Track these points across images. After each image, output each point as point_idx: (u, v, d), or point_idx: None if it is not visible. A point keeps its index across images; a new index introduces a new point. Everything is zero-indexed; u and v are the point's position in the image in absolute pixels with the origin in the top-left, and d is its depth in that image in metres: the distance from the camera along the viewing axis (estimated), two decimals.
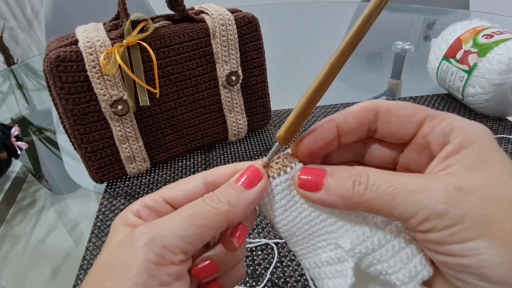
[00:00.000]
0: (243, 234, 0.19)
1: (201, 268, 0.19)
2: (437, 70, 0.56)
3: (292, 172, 0.19)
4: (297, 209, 0.19)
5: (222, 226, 0.17)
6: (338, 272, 0.19)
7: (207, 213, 0.17)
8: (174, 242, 0.16)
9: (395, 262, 0.17)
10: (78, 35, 0.38)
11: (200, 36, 0.42)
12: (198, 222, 0.16)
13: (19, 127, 0.49)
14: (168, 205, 0.18)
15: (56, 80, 0.36)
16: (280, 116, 0.56)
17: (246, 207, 0.18)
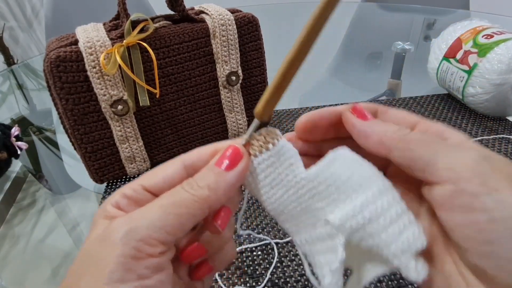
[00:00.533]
0: (226, 217, 0.18)
1: (188, 251, 0.18)
2: (437, 70, 0.56)
3: (276, 149, 0.18)
4: (284, 187, 0.19)
5: (203, 212, 0.17)
6: (329, 248, 0.18)
7: (186, 201, 0.16)
8: (152, 234, 0.15)
9: (386, 236, 0.17)
10: (78, 35, 0.38)
11: (200, 36, 0.42)
12: (177, 211, 0.16)
13: (19, 127, 0.49)
14: (148, 193, 0.17)
15: (56, 80, 0.36)
16: (280, 116, 0.56)
17: (226, 190, 0.17)
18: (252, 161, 0.18)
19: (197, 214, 0.16)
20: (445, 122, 0.51)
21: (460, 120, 0.51)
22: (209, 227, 0.18)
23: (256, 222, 0.36)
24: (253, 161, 0.18)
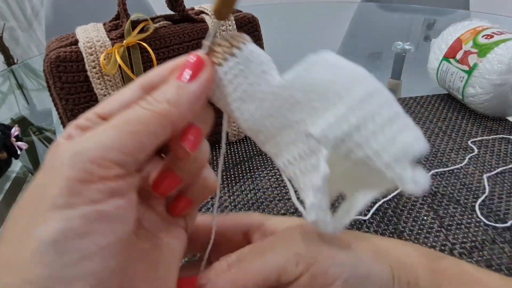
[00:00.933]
0: (196, 137, 0.16)
1: (158, 180, 0.16)
2: (437, 70, 0.56)
3: (243, 54, 0.16)
4: (257, 99, 0.16)
5: (165, 129, 0.15)
6: (314, 166, 0.16)
7: (142, 117, 0.14)
8: (104, 154, 0.13)
9: (377, 143, 0.14)
10: (78, 35, 0.38)
11: (200, 36, 0.42)
12: (133, 128, 0.14)
13: (19, 127, 0.49)
14: (104, 120, 0.15)
15: (56, 80, 0.36)
16: None
17: (190, 103, 0.15)
18: (217, 71, 0.16)
19: (157, 132, 0.14)
20: (445, 122, 0.51)
21: (460, 120, 0.51)
22: (178, 150, 0.16)
23: None
24: (218, 70, 0.16)
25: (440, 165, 0.42)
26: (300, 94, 0.15)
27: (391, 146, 0.14)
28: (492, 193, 0.38)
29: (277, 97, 0.16)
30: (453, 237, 0.33)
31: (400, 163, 0.14)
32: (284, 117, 0.16)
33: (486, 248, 0.32)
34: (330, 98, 0.15)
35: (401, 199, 0.38)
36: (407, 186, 0.14)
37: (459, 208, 0.36)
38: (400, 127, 0.15)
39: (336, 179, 0.16)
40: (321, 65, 0.16)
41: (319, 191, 0.15)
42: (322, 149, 0.15)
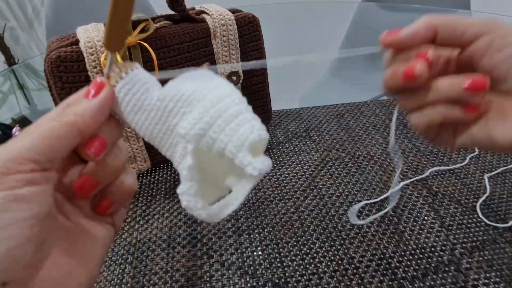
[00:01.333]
0: (100, 145, 0.20)
1: (77, 184, 0.20)
2: None
3: (129, 77, 0.20)
4: (145, 111, 0.20)
5: (73, 136, 0.18)
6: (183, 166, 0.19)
7: (54, 126, 0.18)
8: (20, 153, 0.17)
9: (225, 135, 0.18)
10: (79, 35, 0.38)
11: (201, 36, 0.42)
12: (45, 134, 0.18)
13: (20, 127, 0.49)
14: None
15: (56, 80, 0.36)
16: (281, 116, 0.56)
17: (92, 114, 0.19)
18: (115, 91, 0.20)
19: (67, 138, 0.18)
20: None
21: None
22: (85, 155, 0.20)
23: (256, 222, 0.36)
24: (115, 90, 0.20)
25: (441, 165, 0.42)
26: (172, 104, 0.19)
27: (233, 137, 0.18)
28: (493, 193, 0.38)
29: (157, 108, 0.20)
30: (454, 237, 0.33)
31: (241, 151, 0.18)
32: (166, 123, 0.20)
33: (487, 248, 0.32)
34: (193, 103, 0.19)
35: (401, 199, 0.38)
36: (247, 170, 0.18)
37: (460, 208, 0.36)
38: (240, 122, 0.18)
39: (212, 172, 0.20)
40: (189, 79, 0.20)
41: (186, 179, 0.19)
42: (188, 145, 0.19)
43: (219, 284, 0.30)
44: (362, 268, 0.31)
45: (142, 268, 0.32)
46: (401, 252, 0.32)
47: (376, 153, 0.46)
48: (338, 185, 0.40)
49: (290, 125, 0.53)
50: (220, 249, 0.34)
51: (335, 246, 0.33)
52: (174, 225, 0.37)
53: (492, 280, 0.29)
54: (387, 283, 0.29)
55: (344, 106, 0.57)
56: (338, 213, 0.37)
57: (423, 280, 0.29)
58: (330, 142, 0.48)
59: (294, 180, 0.42)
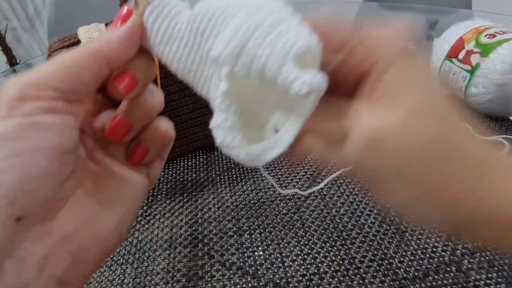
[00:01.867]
0: (130, 81, 0.18)
1: (110, 126, 0.19)
2: (439, 70, 0.56)
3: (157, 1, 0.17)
4: (176, 39, 0.17)
5: (99, 65, 0.17)
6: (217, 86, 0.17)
7: (78, 53, 0.17)
8: (39, 79, 0.16)
9: (265, 47, 0.15)
10: (80, 36, 0.38)
11: None
12: (67, 63, 0.16)
13: None
14: None
15: None
16: None
17: (120, 42, 0.17)
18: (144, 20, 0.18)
19: (91, 67, 0.17)
20: None
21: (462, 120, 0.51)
22: (113, 91, 0.18)
23: (257, 222, 0.36)
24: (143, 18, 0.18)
25: None
26: (204, 24, 0.16)
27: (274, 49, 0.14)
28: None
29: (189, 32, 0.17)
30: (455, 237, 0.33)
31: (285, 64, 0.14)
32: (200, 50, 0.17)
33: (489, 248, 0.32)
34: (227, 19, 0.16)
35: None
36: (295, 87, 0.14)
37: None
38: (283, 30, 0.15)
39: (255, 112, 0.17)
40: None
41: (220, 109, 0.16)
42: (223, 68, 0.16)
43: (220, 284, 0.30)
44: (363, 268, 0.31)
45: (144, 268, 0.32)
46: (403, 253, 0.32)
47: None
48: (339, 185, 0.40)
49: None
50: (221, 249, 0.34)
51: (336, 246, 0.33)
52: (175, 225, 0.37)
53: (494, 281, 0.29)
54: (389, 283, 0.29)
55: None
56: (339, 213, 0.37)
57: (425, 280, 0.29)
58: None
59: (295, 180, 0.42)
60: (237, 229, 0.36)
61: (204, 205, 0.39)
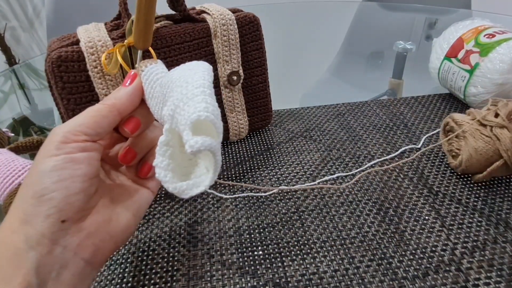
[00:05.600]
0: (134, 124, 0.26)
1: (121, 154, 0.27)
2: (438, 70, 0.56)
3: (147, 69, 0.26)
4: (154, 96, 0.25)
5: (114, 115, 0.25)
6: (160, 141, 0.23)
7: (99, 107, 0.25)
8: (75, 128, 0.24)
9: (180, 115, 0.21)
10: (80, 35, 0.38)
11: (201, 36, 0.42)
12: (92, 114, 0.25)
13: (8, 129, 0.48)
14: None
15: (57, 80, 0.36)
16: (281, 116, 0.56)
17: (128, 97, 0.26)
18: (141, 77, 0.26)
19: (108, 115, 0.25)
20: None
21: None
22: (123, 132, 0.26)
23: (257, 222, 0.36)
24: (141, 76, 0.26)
25: (442, 164, 0.42)
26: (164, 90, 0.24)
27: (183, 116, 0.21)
28: (494, 193, 0.38)
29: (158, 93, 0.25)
30: (454, 237, 0.33)
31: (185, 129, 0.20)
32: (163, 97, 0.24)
33: (488, 248, 0.32)
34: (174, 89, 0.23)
35: (402, 199, 0.38)
36: (186, 147, 0.20)
37: (460, 208, 0.36)
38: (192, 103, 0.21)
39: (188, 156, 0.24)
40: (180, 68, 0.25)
41: (158, 153, 0.23)
42: (165, 124, 0.23)
43: (219, 283, 0.30)
44: (362, 268, 0.31)
45: (143, 268, 0.32)
46: (402, 252, 0.32)
47: (377, 152, 0.46)
48: (339, 185, 0.40)
49: (290, 125, 0.53)
50: (220, 249, 0.34)
51: (335, 246, 0.33)
52: (175, 225, 0.37)
53: (493, 280, 0.29)
54: (388, 283, 0.29)
55: (345, 106, 0.57)
56: (339, 212, 0.37)
57: (424, 280, 0.29)
58: (331, 141, 0.48)
59: (295, 180, 0.42)
60: (236, 228, 0.36)
61: (204, 205, 0.39)
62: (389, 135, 0.49)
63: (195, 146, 0.20)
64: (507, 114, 0.37)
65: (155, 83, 0.25)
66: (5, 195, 0.37)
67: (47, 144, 0.23)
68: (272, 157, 0.46)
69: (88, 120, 0.24)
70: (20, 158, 0.42)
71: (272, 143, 0.49)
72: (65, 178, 0.22)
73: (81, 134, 0.23)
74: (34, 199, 0.21)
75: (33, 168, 0.23)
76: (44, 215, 0.21)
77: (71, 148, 0.23)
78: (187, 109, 0.20)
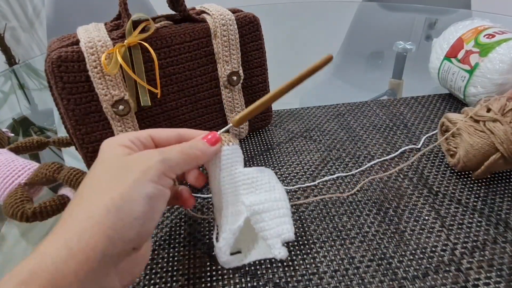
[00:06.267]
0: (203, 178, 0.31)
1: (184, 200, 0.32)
2: (438, 70, 0.56)
3: (233, 147, 0.30)
4: (227, 172, 0.29)
5: (193, 165, 0.28)
6: (236, 220, 0.28)
7: (190, 153, 0.27)
8: (175, 165, 0.26)
9: (271, 223, 0.28)
10: (80, 35, 0.38)
11: (201, 36, 0.42)
12: (184, 157, 0.27)
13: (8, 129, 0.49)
14: (152, 141, 0.28)
15: (57, 80, 0.36)
16: (281, 116, 0.56)
17: (208, 155, 0.29)
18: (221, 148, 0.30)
19: (191, 164, 0.28)
20: None
21: None
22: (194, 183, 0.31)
23: None
24: (221, 149, 0.30)
25: (442, 164, 0.42)
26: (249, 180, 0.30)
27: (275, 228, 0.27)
28: (494, 193, 0.38)
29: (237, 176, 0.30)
30: (454, 237, 0.33)
31: (276, 239, 0.27)
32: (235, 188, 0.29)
33: (488, 248, 0.32)
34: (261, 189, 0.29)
35: (402, 199, 0.38)
36: (274, 252, 0.27)
37: (460, 208, 0.36)
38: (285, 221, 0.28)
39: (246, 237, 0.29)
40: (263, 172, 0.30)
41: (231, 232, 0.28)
42: (245, 212, 0.28)
43: (219, 284, 0.30)
44: (362, 268, 0.31)
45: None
46: (402, 252, 0.32)
47: (377, 153, 0.46)
48: (339, 185, 0.40)
49: (290, 125, 0.53)
50: None
51: (335, 246, 0.33)
52: (175, 225, 0.37)
53: (493, 280, 0.29)
54: (388, 283, 0.29)
55: (345, 106, 0.57)
56: (339, 213, 0.37)
57: (424, 280, 0.29)
58: (331, 142, 0.48)
59: (295, 180, 0.42)
60: None
61: (204, 205, 0.39)
62: (389, 135, 0.49)
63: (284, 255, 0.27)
64: (499, 108, 0.37)
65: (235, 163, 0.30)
66: (5, 195, 0.38)
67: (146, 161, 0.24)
68: (272, 157, 0.46)
69: (183, 164, 0.27)
70: (20, 158, 0.42)
71: (272, 143, 0.49)
72: (152, 210, 0.23)
73: (173, 174, 0.26)
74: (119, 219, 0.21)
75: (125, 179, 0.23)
76: (128, 239, 0.22)
77: (167, 183, 0.25)
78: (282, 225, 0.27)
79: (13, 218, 0.35)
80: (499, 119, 0.36)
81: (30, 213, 0.35)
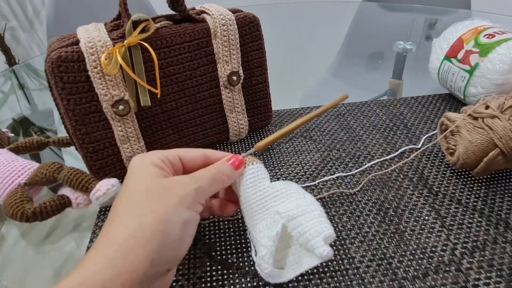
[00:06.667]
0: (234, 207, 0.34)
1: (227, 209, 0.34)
2: (438, 70, 0.56)
3: (257, 166, 0.32)
4: (255, 189, 0.30)
5: (218, 188, 0.29)
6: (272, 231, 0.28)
7: (218, 178, 0.29)
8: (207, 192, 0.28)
9: (308, 225, 0.27)
10: (80, 35, 0.38)
11: (201, 36, 0.42)
12: (213, 183, 0.29)
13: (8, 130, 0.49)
14: (180, 162, 0.30)
15: (57, 81, 0.36)
16: (281, 116, 0.56)
17: (232, 179, 0.30)
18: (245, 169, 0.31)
19: (218, 188, 0.29)
20: None
21: None
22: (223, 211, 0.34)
23: None
24: (246, 169, 0.31)
25: (442, 164, 0.42)
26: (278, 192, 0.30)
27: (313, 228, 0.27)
28: (494, 193, 0.38)
29: (265, 191, 0.30)
30: (454, 237, 0.33)
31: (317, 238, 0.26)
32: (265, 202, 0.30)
33: (488, 248, 0.32)
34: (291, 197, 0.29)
35: (402, 199, 0.38)
36: (317, 251, 0.26)
37: (460, 208, 0.36)
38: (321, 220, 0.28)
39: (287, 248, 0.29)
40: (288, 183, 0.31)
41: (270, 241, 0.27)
42: (282, 219, 0.28)
43: (219, 284, 0.30)
44: (362, 268, 0.31)
45: None
46: (402, 252, 0.32)
47: (377, 153, 0.46)
48: (339, 185, 0.40)
49: None
50: (220, 249, 0.34)
51: (335, 246, 0.33)
52: None
53: (493, 280, 0.29)
54: (388, 283, 0.29)
55: (345, 106, 0.57)
56: (339, 213, 0.37)
57: (424, 280, 0.29)
58: (331, 142, 0.48)
59: (295, 180, 0.42)
60: (236, 228, 0.36)
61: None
62: (389, 135, 0.49)
63: (330, 252, 0.25)
64: (497, 105, 0.37)
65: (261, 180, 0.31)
66: (5, 195, 0.38)
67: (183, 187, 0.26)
68: (272, 157, 0.46)
69: (212, 190, 0.28)
70: (20, 159, 0.42)
71: (272, 144, 0.49)
72: (187, 234, 0.25)
73: (204, 200, 0.28)
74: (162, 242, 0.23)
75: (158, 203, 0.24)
76: (166, 261, 0.24)
77: (199, 209, 0.27)
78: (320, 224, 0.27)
79: (13, 218, 0.35)
80: (498, 115, 0.36)
81: (30, 213, 0.35)
